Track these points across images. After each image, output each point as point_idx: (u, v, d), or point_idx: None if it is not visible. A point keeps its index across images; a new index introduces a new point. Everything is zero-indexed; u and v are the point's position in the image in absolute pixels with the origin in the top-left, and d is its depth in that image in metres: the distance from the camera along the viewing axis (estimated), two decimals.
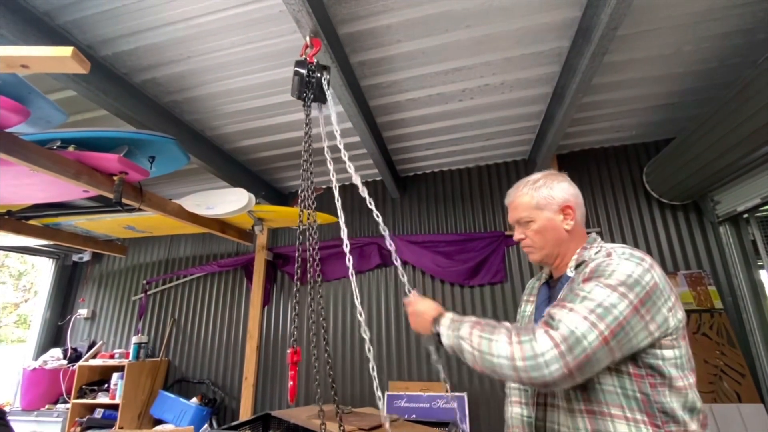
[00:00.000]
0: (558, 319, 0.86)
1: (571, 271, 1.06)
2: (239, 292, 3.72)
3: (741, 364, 2.41)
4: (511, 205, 1.19)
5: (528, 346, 0.84)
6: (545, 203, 1.11)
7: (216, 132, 2.72)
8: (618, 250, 0.98)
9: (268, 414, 2.61)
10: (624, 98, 2.51)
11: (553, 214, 1.10)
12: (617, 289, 0.87)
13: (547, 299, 1.15)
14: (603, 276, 0.91)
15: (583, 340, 0.82)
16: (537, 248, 1.13)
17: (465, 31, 1.91)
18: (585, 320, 0.84)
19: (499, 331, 0.91)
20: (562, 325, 0.84)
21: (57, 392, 3.59)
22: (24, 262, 10.41)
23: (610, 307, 0.85)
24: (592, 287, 0.89)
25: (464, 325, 0.98)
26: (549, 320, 0.88)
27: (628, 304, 0.86)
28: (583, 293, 0.89)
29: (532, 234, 1.12)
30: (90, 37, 1.86)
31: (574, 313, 0.86)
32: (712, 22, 1.90)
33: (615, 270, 0.91)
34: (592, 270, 0.94)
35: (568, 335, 0.82)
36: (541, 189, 1.13)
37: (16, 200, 2.53)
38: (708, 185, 2.55)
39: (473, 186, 3.38)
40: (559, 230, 1.10)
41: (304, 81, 1.39)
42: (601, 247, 1.06)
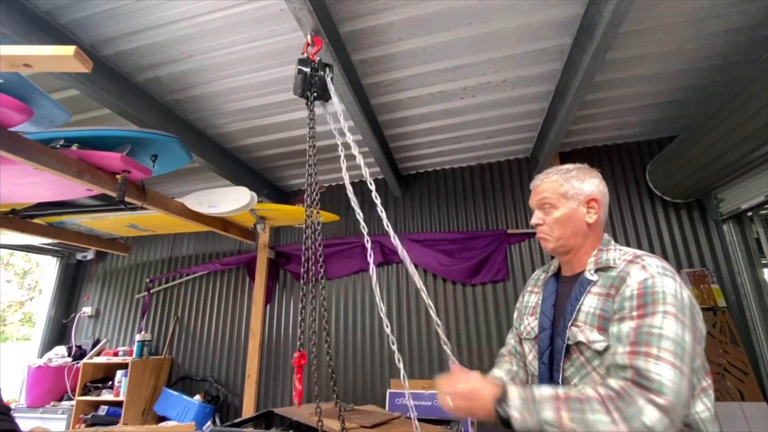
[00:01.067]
0: (655, 378, 0.79)
1: (591, 274, 1.02)
2: (242, 291, 3.74)
3: (744, 363, 2.40)
4: (537, 188, 1.14)
5: (636, 423, 0.76)
6: (573, 193, 1.08)
7: (218, 130, 2.72)
8: (648, 261, 0.95)
9: (271, 411, 2.62)
10: (626, 95, 2.50)
11: (578, 206, 1.08)
12: (677, 317, 0.85)
13: (554, 292, 1.13)
14: (658, 302, 0.87)
15: (681, 394, 0.78)
16: (553, 237, 1.09)
17: (466, 29, 1.90)
18: (674, 368, 0.80)
19: (594, 408, 0.80)
20: (665, 389, 0.77)
21: (62, 389, 3.62)
22: (29, 261, 10.49)
23: (683, 343, 0.83)
24: (661, 321, 0.84)
25: (545, 405, 0.83)
26: (642, 381, 0.80)
27: (690, 332, 0.84)
28: (656, 329, 0.84)
29: (552, 222, 1.09)
30: (92, 37, 1.87)
31: (664, 364, 0.80)
32: (715, 19, 1.89)
33: (665, 292, 0.88)
34: (640, 294, 0.89)
35: (674, 399, 0.77)
36: (572, 179, 1.10)
37: (21, 199, 2.55)
38: (711, 183, 2.54)
39: (475, 184, 3.37)
40: (581, 222, 1.07)
41: (307, 79, 1.39)
42: (618, 248, 1.04)
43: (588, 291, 1.00)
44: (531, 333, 1.15)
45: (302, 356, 1.16)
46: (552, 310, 1.10)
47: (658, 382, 0.78)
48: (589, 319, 0.97)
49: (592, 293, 0.99)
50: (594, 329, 0.95)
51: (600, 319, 0.95)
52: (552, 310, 1.10)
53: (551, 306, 1.11)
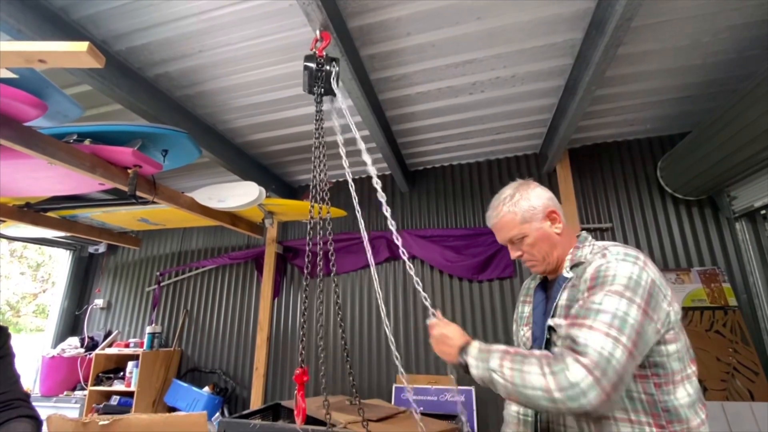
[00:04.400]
0: (583, 342, 0.85)
1: (567, 272, 1.06)
2: (250, 285, 3.78)
3: (755, 362, 2.37)
4: (496, 227, 1.17)
5: (562, 377, 0.83)
6: (530, 215, 1.11)
7: (227, 126, 2.74)
8: (612, 250, 0.99)
9: (278, 404, 2.66)
10: (638, 91, 2.46)
11: (541, 223, 1.11)
12: (624, 295, 0.89)
13: (544, 300, 1.15)
14: (606, 282, 0.92)
15: (612, 359, 0.82)
16: (539, 260, 1.12)
17: (476, 23, 1.89)
18: (607, 337, 0.84)
19: (530, 362, 0.89)
20: (590, 350, 0.84)
21: (75, 379, 3.70)
22: (42, 254, 10.69)
23: (624, 317, 0.86)
24: (602, 297, 0.90)
25: (493, 355, 0.95)
26: (573, 345, 0.87)
27: (637, 308, 0.88)
28: (595, 305, 0.89)
29: (529, 248, 1.12)
30: (104, 32, 1.89)
31: (595, 331, 0.86)
32: (731, 12, 1.85)
33: (616, 274, 0.92)
34: (593, 276, 0.95)
35: (598, 359, 0.82)
36: (519, 202, 1.12)
37: (35, 192, 2.60)
38: (724, 180, 2.50)
39: (483, 180, 3.36)
40: (552, 237, 1.11)
41: (314, 75, 1.39)
42: (593, 245, 1.08)
43: (564, 287, 1.05)
44: (527, 344, 1.18)
45: (304, 372, 1.13)
46: (542, 319, 1.12)
47: (584, 345, 0.85)
48: (562, 311, 1.03)
49: (567, 288, 1.04)
50: (562, 317, 1.01)
51: (566, 309, 1.01)
52: (542, 319, 1.12)
53: (541, 314, 1.13)
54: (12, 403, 1.12)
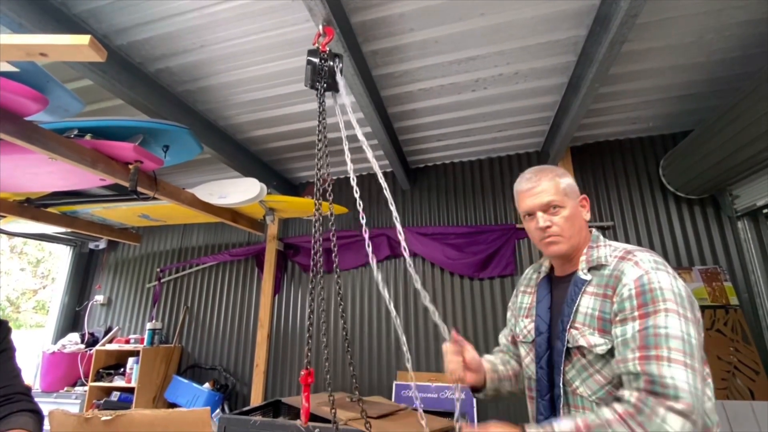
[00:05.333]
0: (670, 384, 0.78)
1: (585, 273, 1.01)
2: (250, 281, 3.78)
3: (755, 361, 2.37)
4: (533, 191, 1.08)
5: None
6: (571, 191, 1.08)
7: (228, 122, 2.73)
8: (641, 256, 0.94)
9: (279, 400, 2.66)
10: (642, 89, 2.45)
11: (577, 203, 1.08)
12: (680, 312, 0.85)
13: (548, 294, 1.11)
14: (657, 299, 0.86)
15: (697, 392, 0.78)
16: (566, 237, 1.05)
17: (479, 20, 1.88)
18: (686, 368, 0.79)
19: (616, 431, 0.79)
20: (681, 393, 0.77)
21: (75, 375, 3.70)
22: (42, 250, 10.70)
23: (689, 339, 0.82)
24: (665, 320, 0.84)
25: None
26: (658, 388, 0.78)
27: (692, 324, 0.85)
28: (662, 329, 0.83)
29: (563, 221, 1.05)
30: (105, 27, 1.88)
31: (676, 366, 0.79)
32: (735, 10, 1.84)
33: (662, 288, 0.87)
34: (639, 293, 0.89)
35: (692, 402, 0.76)
36: (564, 177, 1.09)
37: (36, 188, 2.59)
38: (727, 179, 2.49)
39: (484, 178, 3.35)
40: (582, 221, 1.08)
41: (317, 70, 1.38)
42: (608, 245, 1.04)
43: (583, 291, 0.99)
44: (528, 336, 1.14)
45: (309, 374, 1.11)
46: (548, 313, 1.08)
47: (673, 387, 0.77)
48: (588, 320, 0.96)
49: (588, 293, 0.98)
50: (595, 332, 0.94)
51: (599, 321, 0.94)
52: (548, 313, 1.08)
53: (547, 308, 1.09)
54: (13, 397, 1.12)
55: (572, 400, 0.98)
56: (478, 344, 2.97)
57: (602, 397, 0.92)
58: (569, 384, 0.98)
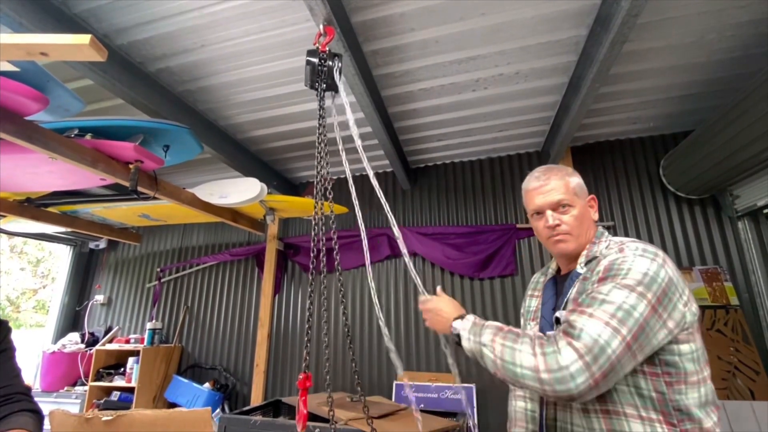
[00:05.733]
0: (579, 327, 0.83)
1: (581, 267, 1.03)
2: (251, 281, 3.78)
3: (756, 361, 2.37)
4: (542, 189, 1.09)
5: (552, 358, 0.82)
6: (580, 191, 1.09)
7: (229, 122, 2.73)
8: (630, 246, 0.96)
9: (279, 400, 2.66)
10: (642, 89, 2.45)
11: (585, 203, 1.09)
12: (635, 289, 0.85)
13: (554, 295, 1.12)
14: (619, 275, 0.88)
15: (607, 348, 0.80)
16: (575, 236, 1.06)
17: (480, 19, 1.88)
18: (607, 326, 0.82)
19: (523, 341, 0.88)
20: (584, 335, 0.82)
21: (75, 375, 3.70)
22: (42, 249, 10.70)
23: (630, 310, 0.83)
24: (610, 288, 0.87)
25: (486, 330, 0.95)
26: (569, 329, 0.85)
27: (646, 304, 0.84)
28: (601, 296, 0.87)
29: (572, 220, 1.06)
30: (106, 26, 1.87)
31: (595, 319, 0.83)
32: (737, 10, 1.84)
33: (631, 268, 0.89)
34: (606, 268, 0.92)
35: (591, 345, 0.80)
36: (573, 176, 1.11)
37: (36, 188, 2.59)
38: (727, 179, 2.49)
39: (485, 178, 3.35)
40: (590, 219, 1.09)
41: (316, 70, 1.38)
42: (609, 240, 1.04)
43: (575, 283, 1.02)
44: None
45: (307, 378, 1.10)
46: (552, 314, 1.09)
47: (579, 329, 0.83)
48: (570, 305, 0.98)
49: (579, 282, 1.01)
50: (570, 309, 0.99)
51: (575, 302, 0.96)
52: (552, 314, 1.09)
53: (551, 310, 1.10)
54: (13, 397, 1.12)
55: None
56: None
57: None
58: None
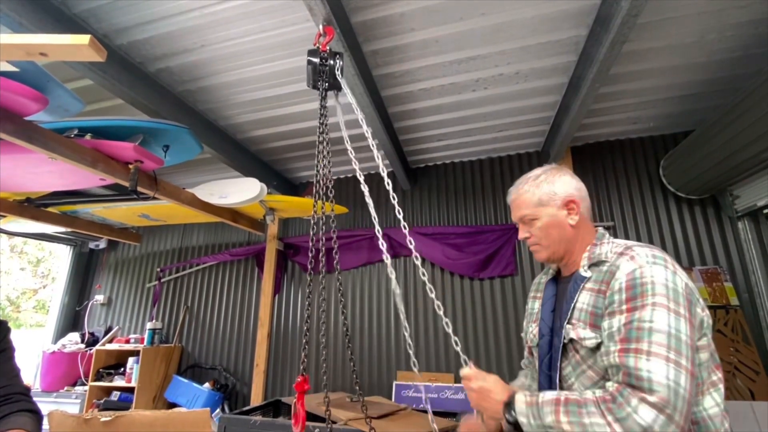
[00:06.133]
0: (645, 377, 0.77)
1: (585, 270, 1.00)
2: (251, 281, 3.78)
3: (755, 362, 2.37)
4: (514, 204, 1.14)
5: (631, 423, 0.75)
6: (547, 199, 1.07)
7: (229, 122, 2.73)
8: (638, 251, 0.92)
9: (279, 400, 2.66)
10: (642, 89, 2.45)
11: (557, 210, 1.06)
12: (670, 307, 0.82)
13: (553, 296, 1.11)
14: (646, 293, 0.84)
15: (679, 389, 0.75)
16: (543, 246, 1.08)
17: (480, 19, 1.88)
18: (668, 362, 0.77)
19: (590, 412, 0.80)
20: (655, 385, 0.75)
21: (75, 375, 3.70)
22: (42, 249, 10.69)
23: (678, 335, 0.79)
24: (651, 314, 0.82)
25: (545, 409, 0.85)
26: (635, 381, 0.78)
27: (684, 321, 0.81)
28: (646, 323, 0.81)
29: (537, 232, 1.08)
30: (105, 26, 1.87)
31: (655, 359, 0.78)
32: (737, 10, 1.84)
33: (653, 281, 0.85)
34: (628, 286, 0.87)
35: (667, 395, 0.74)
36: (542, 185, 1.08)
37: (36, 188, 2.59)
38: (727, 179, 2.49)
39: (485, 178, 3.35)
40: (564, 226, 1.06)
41: (317, 69, 1.38)
42: (611, 242, 1.02)
43: (582, 287, 0.99)
44: (534, 341, 1.15)
45: (305, 381, 1.10)
46: (551, 315, 1.09)
47: (648, 380, 0.77)
48: (582, 316, 0.96)
49: (586, 289, 0.98)
50: (586, 326, 0.94)
51: (592, 316, 0.94)
52: (551, 315, 1.09)
53: (550, 311, 1.10)
54: (12, 397, 1.12)
55: None
56: (477, 343, 2.98)
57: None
58: (565, 380, 0.99)
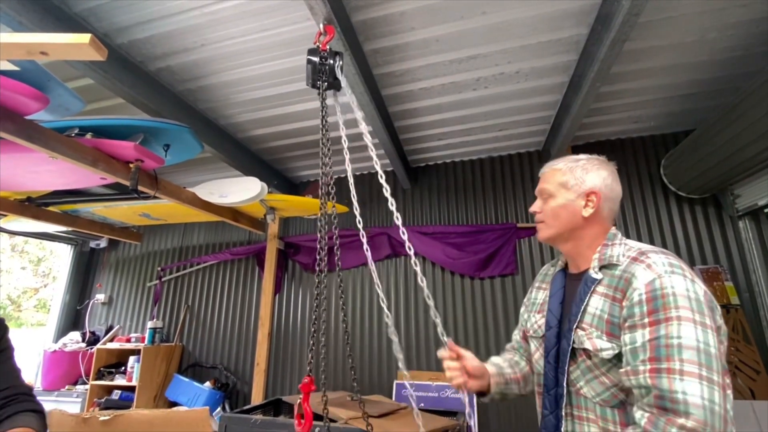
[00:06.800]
0: (681, 399, 0.74)
1: (595, 272, 0.98)
2: (251, 280, 3.78)
3: (756, 361, 2.37)
4: (543, 176, 1.13)
5: None
6: (573, 184, 1.05)
7: (229, 121, 2.73)
8: (654, 258, 0.89)
9: (279, 399, 2.66)
10: (643, 88, 2.44)
11: (576, 197, 1.04)
12: (696, 320, 0.79)
13: (562, 289, 1.09)
14: (669, 305, 0.81)
15: (715, 407, 0.73)
16: (548, 224, 1.08)
17: (481, 18, 1.87)
18: (702, 380, 0.75)
19: None
20: (691, 408, 0.73)
21: (76, 374, 3.71)
22: (43, 248, 10.71)
23: (707, 348, 0.77)
24: (678, 329, 0.79)
25: None
26: (668, 403, 0.75)
27: (711, 332, 0.79)
28: (674, 340, 0.78)
29: (549, 209, 1.07)
30: (106, 25, 1.87)
31: (689, 379, 0.75)
32: (738, 9, 1.83)
33: (675, 293, 0.82)
34: (649, 298, 0.84)
35: (704, 417, 0.72)
36: (576, 169, 1.07)
37: (37, 187, 2.59)
38: (728, 178, 2.48)
39: (485, 177, 3.35)
40: (576, 214, 1.04)
41: (317, 68, 1.38)
42: (624, 243, 0.99)
43: (593, 290, 0.96)
44: (538, 331, 1.13)
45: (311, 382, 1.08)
46: (559, 308, 1.07)
47: (684, 402, 0.74)
48: (595, 322, 0.93)
49: (598, 293, 0.95)
50: (603, 335, 0.91)
51: (608, 324, 0.91)
52: (559, 308, 1.07)
53: (559, 303, 1.08)
54: (17, 397, 1.12)
55: (575, 400, 0.97)
56: (478, 343, 2.98)
57: (607, 398, 0.91)
58: (573, 384, 0.97)
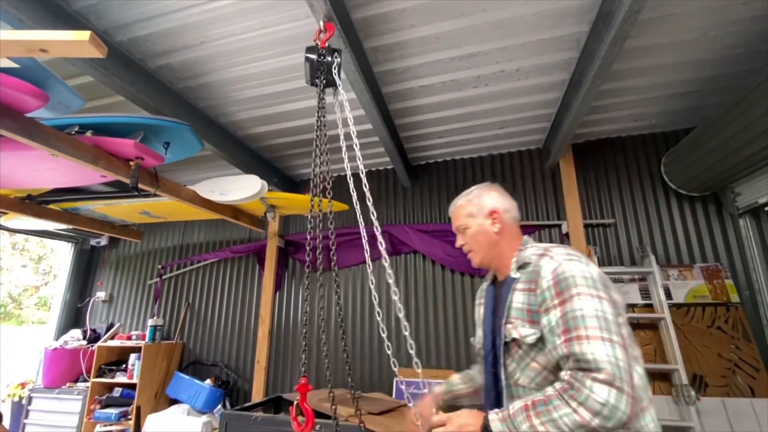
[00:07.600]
0: (590, 358, 0.88)
1: (514, 272, 1.13)
2: (251, 278, 3.78)
3: (756, 359, 2.37)
4: (452, 216, 1.33)
5: (590, 402, 0.85)
6: (476, 211, 1.25)
7: (229, 119, 2.73)
8: (555, 251, 1.07)
9: (280, 396, 2.67)
10: (644, 85, 2.44)
11: (483, 220, 1.24)
12: (592, 294, 0.96)
13: (493, 299, 1.23)
14: (571, 285, 0.98)
15: (619, 362, 0.87)
16: (475, 251, 1.25)
17: (481, 15, 1.87)
18: (604, 341, 0.89)
19: (555, 405, 0.88)
20: (600, 363, 0.87)
21: (77, 371, 3.72)
22: (43, 246, 10.72)
23: (604, 315, 0.93)
24: (579, 302, 0.94)
25: (518, 419, 0.92)
26: (583, 364, 0.89)
27: (606, 302, 0.96)
28: (578, 311, 0.94)
29: (469, 239, 1.26)
30: (106, 23, 1.87)
31: (594, 341, 0.90)
32: (740, 6, 1.83)
33: (574, 274, 0.99)
34: (555, 282, 1.00)
35: (611, 369, 0.86)
36: (473, 199, 1.28)
37: (37, 185, 2.59)
38: (729, 176, 2.48)
39: (485, 175, 3.34)
40: (489, 233, 1.22)
41: (315, 66, 1.38)
42: (533, 245, 1.16)
43: (514, 288, 1.10)
44: (479, 343, 1.28)
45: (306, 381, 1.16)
46: (491, 317, 1.20)
47: (594, 360, 0.88)
48: (519, 314, 1.07)
49: (518, 290, 1.09)
50: (525, 323, 1.05)
51: (528, 313, 1.05)
52: (491, 317, 1.20)
53: (490, 313, 1.22)
54: None
55: (514, 392, 1.07)
56: None
57: (540, 383, 1.02)
58: (511, 377, 1.08)
